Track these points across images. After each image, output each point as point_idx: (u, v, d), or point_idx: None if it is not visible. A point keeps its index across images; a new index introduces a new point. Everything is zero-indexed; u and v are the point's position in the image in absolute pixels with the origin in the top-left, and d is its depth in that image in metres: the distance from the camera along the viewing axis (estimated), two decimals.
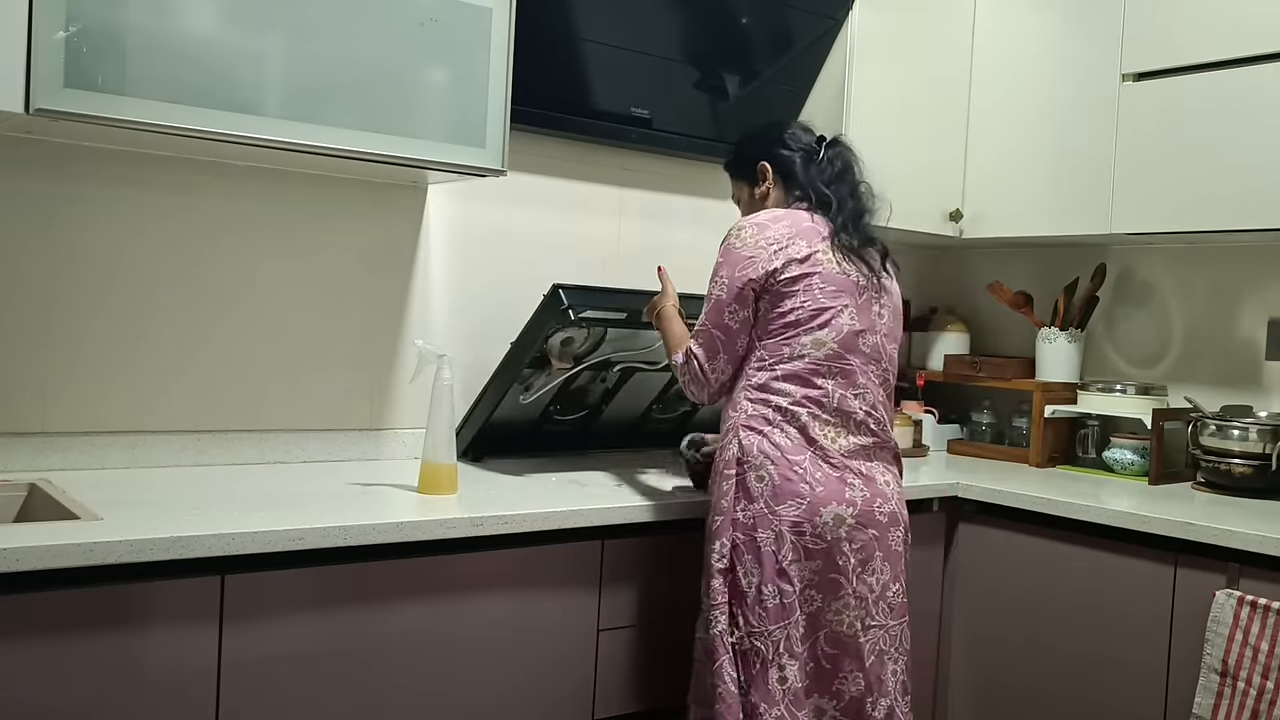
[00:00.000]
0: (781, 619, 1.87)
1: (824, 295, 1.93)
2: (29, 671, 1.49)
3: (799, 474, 1.88)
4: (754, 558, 1.88)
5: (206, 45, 1.83)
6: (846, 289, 1.95)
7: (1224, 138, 2.52)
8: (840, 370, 1.94)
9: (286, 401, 2.31)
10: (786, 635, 1.88)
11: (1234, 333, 2.85)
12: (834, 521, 1.88)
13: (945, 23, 3.01)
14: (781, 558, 1.87)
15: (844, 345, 1.94)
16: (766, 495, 1.89)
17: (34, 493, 1.90)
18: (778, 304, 1.93)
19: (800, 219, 1.99)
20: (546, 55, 2.43)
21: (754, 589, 1.88)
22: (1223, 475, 2.59)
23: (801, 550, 1.88)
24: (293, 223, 2.31)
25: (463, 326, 2.54)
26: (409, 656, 1.81)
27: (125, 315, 2.13)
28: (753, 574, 1.88)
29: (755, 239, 1.95)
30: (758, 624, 1.87)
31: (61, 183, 2.06)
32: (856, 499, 1.91)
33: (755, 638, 1.87)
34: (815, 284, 1.93)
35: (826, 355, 1.92)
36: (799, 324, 1.92)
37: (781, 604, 1.87)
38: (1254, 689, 2.06)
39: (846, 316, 1.94)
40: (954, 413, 3.28)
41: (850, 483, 1.91)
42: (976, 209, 3.04)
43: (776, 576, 1.87)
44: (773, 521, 1.88)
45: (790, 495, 1.88)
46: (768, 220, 1.98)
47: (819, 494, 1.88)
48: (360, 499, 1.97)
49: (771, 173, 2.09)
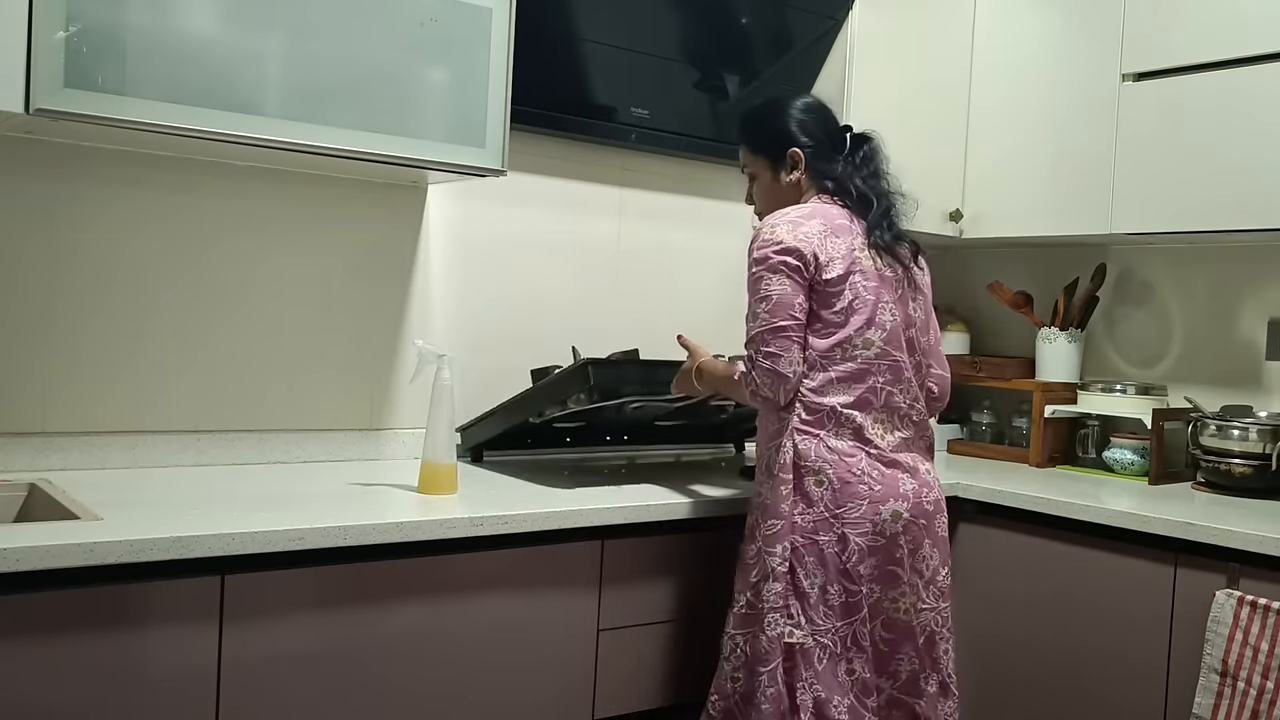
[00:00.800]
0: (848, 616, 1.91)
1: (868, 293, 1.94)
2: (29, 671, 1.49)
3: (857, 475, 1.91)
4: (816, 560, 1.90)
5: (206, 45, 1.83)
6: (886, 285, 1.97)
7: (1224, 138, 2.52)
8: (888, 367, 1.96)
9: (286, 401, 2.32)
10: (853, 631, 1.92)
11: (1234, 333, 2.85)
12: (892, 518, 1.93)
13: (945, 23, 3.01)
14: (846, 559, 1.90)
15: (890, 342, 1.96)
16: (827, 499, 1.91)
17: (34, 493, 1.90)
18: (825, 304, 1.92)
19: (831, 215, 1.97)
20: (546, 55, 2.43)
21: (817, 589, 1.90)
22: (1223, 475, 2.59)
23: (865, 549, 1.91)
24: (293, 223, 2.31)
25: (463, 326, 2.54)
26: (409, 656, 1.81)
27: (125, 315, 2.13)
28: (815, 575, 1.90)
29: (793, 235, 1.92)
30: (823, 622, 1.90)
31: (61, 183, 2.06)
32: (909, 493, 1.96)
33: (821, 635, 1.90)
34: (858, 282, 1.93)
35: (876, 354, 1.94)
36: (846, 324, 1.92)
37: (847, 602, 1.91)
38: (1254, 689, 2.06)
39: (889, 313, 1.96)
40: (954, 413, 3.28)
41: (901, 478, 1.96)
42: (976, 209, 3.04)
43: (841, 577, 1.91)
44: (834, 525, 1.91)
45: (850, 497, 1.91)
46: (799, 218, 1.95)
47: (877, 492, 1.92)
48: (360, 499, 1.97)
49: (804, 164, 2.04)
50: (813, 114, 2.08)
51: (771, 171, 2.08)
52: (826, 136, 2.06)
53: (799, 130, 2.05)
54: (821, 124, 2.07)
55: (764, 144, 2.09)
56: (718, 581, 2.12)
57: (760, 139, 2.10)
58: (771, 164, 2.08)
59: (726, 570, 2.07)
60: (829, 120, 2.09)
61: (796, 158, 2.05)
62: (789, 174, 2.06)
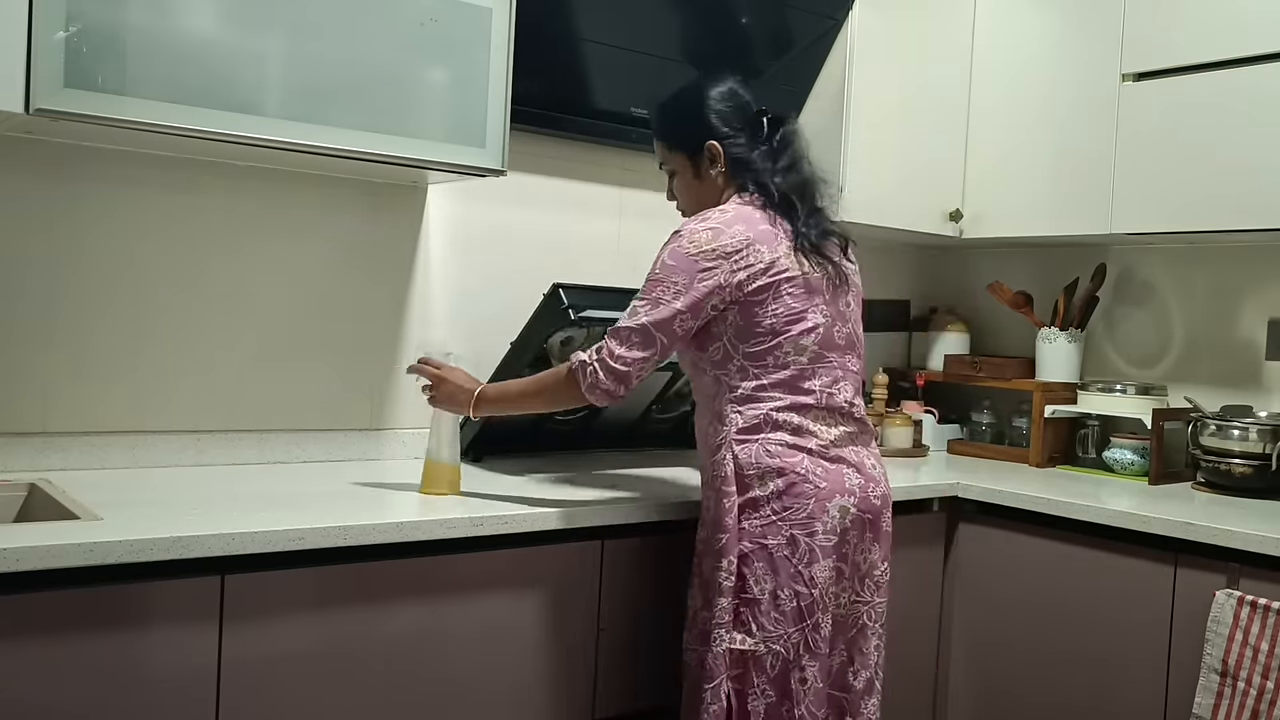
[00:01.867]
0: (800, 621, 1.85)
1: (795, 300, 1.88)
2: (29, 671, 1.49)
3: (801, 474, 1.87)
4: (766, 565, 1.85)
5: (206, 45, 1.83)
6: (815, 288, 1.91)
7: (1224, 138, 2.52)
8: (824, 369, 1.91)
9: (286, 401, 2.31)
10: (805, 637, 1.86)
11: (1234, 333, 2.85)
12: (840, 514, 1.88)
13: (945, 23, 3.01)
14: (797, 560, 1.85)
15: (824, 344, 1.91)
16: (773, 503, 1.86)
17: (34, 493, 1.90)
18: (751, 314, 1.87)
19: (754, 220, 1.89)
20: (546, 55, 2.43)
21: (768, 595, 1.85)
22: (1223, 475, 2.59)
23: (816, 550, 1.86)
24: (293, 223, 2.31)
25: (463, 326, 2.54)
26: (409, 656, 1.81)
27: (126, 315, 2.13)
28: (765, 581, 1.85)
29: (712, 246, 1.84)
30: (774, 628, 1.85)
31: (62, 183, 2.05)
32: (854, 488, 1.90)
33: (773, 641, 1.85)
34: (785, 290, 1.87)
35: (810, 358, 1.90)
36: (777, 332, 1.87)
37: (799, 607, 1.85)
38: (1254, 689, 2.06)
39: (820, 315, 1.90)
40: (954, 413, 3.28)
41: (847, 473, 1.91)
42: (976, 209, 3.04)
43: (792, 580, 1.85)
44: (782, 527, 1.85)
45: (797, 497, 1.86)
46: (720, 224, 1.87)
47: (823, 490, 1.87)
48: (360, 499, 1.97)
49: (724, 156, 1.95)
50: (729, 102, 1.97)
51: (691, 167, 1.99)
52: (745, 124, 1.96)
53: (718, 121, 1.96)
54: (739, 112, 1.97)
55: (680, 138, 2.00)
56: None
57: (676, 134, 2.01)
58: (690, 159, 1.98)
59: None
60: (745, 106, 1.98)
61: (715, 151, 1.95)
62: (709, 168, 1.97)
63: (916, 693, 2.57)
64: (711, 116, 1.97)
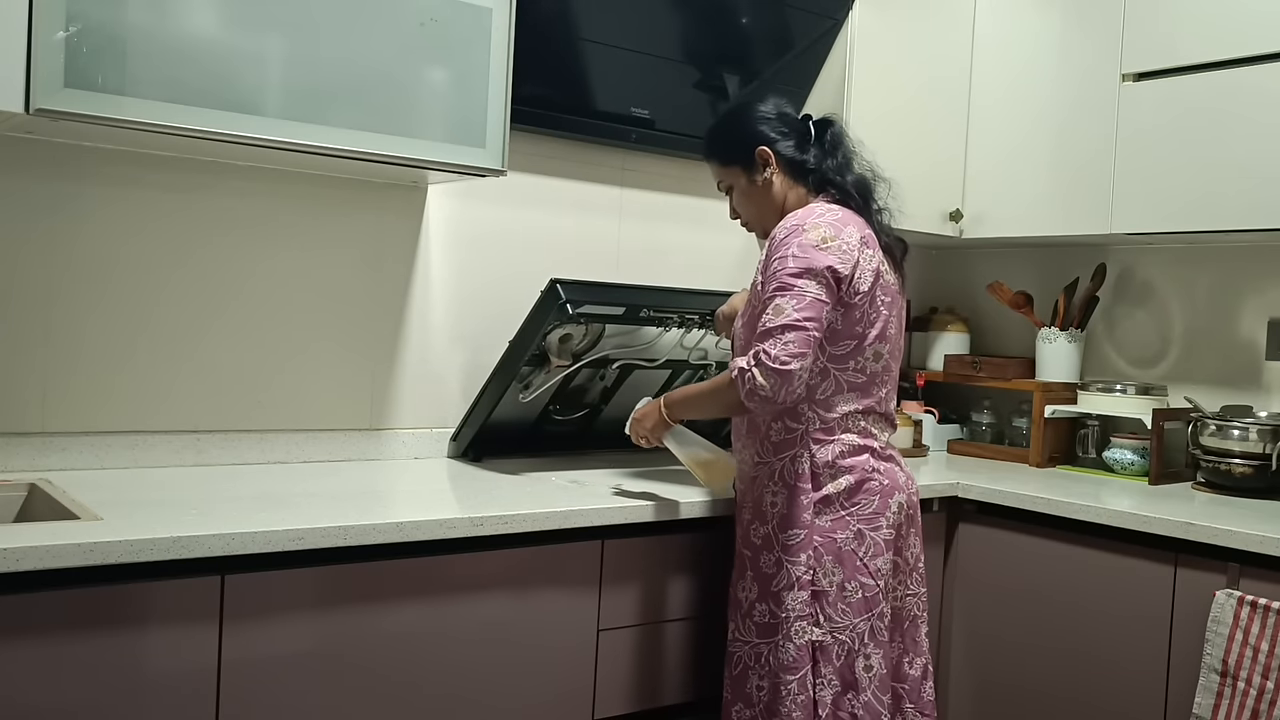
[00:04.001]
0: (865, 611, 1.93)
1: (884, 308, 1.95)
2: (29, 671, 1.49)
3: (868, 471, 1.95)
4: (834, 558, 1.92)
5: (206, 45, 1.83)
6: (895, 296, 1.99)
7: (1224, 138, 2.52)
8: (889, 378, 2.01)
9: (287, 401, 2.32)
10: (870, 626, 1.94)
11: (1234, 333, 2.85)
12: (897, 509, 1.98)
13: (945, 23, 3.01)
14: (863, 554, 1.93)
15: (891, 354, 2.00)
16: (842, 499, 1.94)
17: (34, 493, 1.90)
18: (849, 315, 1.91)
19: (859, 222, 1.94)
20: (546, 55, 2.43)
21: (835, 587, 1.92)
22: (1223, 475, 2.59)
23: (881, 544, 1.95)
24: (293, 223, 2.31)
25: (463, 326, 2.54)
26: (409, 656, 1.81)
27: (126, 315, 2.13)
28: (834, 573, 1.92)
29: (836, 240, 1.87)
30: (840, 618, 1.92)
31: (62, 183, 2.06)
32: (904, 484, 2.02)
33: (840, 632, 1.92)
34: (879, 296, 1.94)
35: (882, 367, 1.99)
36: (864, 337, 1.93)
37: (864, 598, 1.93)
38: (1254, 689, 2.06)
39: (895, 326, 1.99)
40: (954, 413, 3.28)
41: (898, 471, 2.01)
42: (976, 209, 3.04)
43: (857, 572, 1.93)
44: (850, 522, 1.94)
45: (865, 493, 1.95)
46: (835, 221, 1.90)
47: (886, 486, 1.97)
48: (360, 499, 1.97)
49: (774, 158, 2.01)
50: (772, 111, 2.04)
51: (746, 177, 2.04)
52: (791, 129, 2.03)
53: (765, 128, 2.02)
54: (783, 119, 2.04)
55: (733, 153, 2.05)
56: (718, 581, 2.12)
57: (727, 149, 2.07)
58: (745, 170, 2.04)
59: (727, 570, 2.07)
60: (789, 115, 2.05)
61: (765, 155, 2.01)
62: (761, 173, 2.02)
63: None
64: (757, 124, 2.03)
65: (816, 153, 2.02)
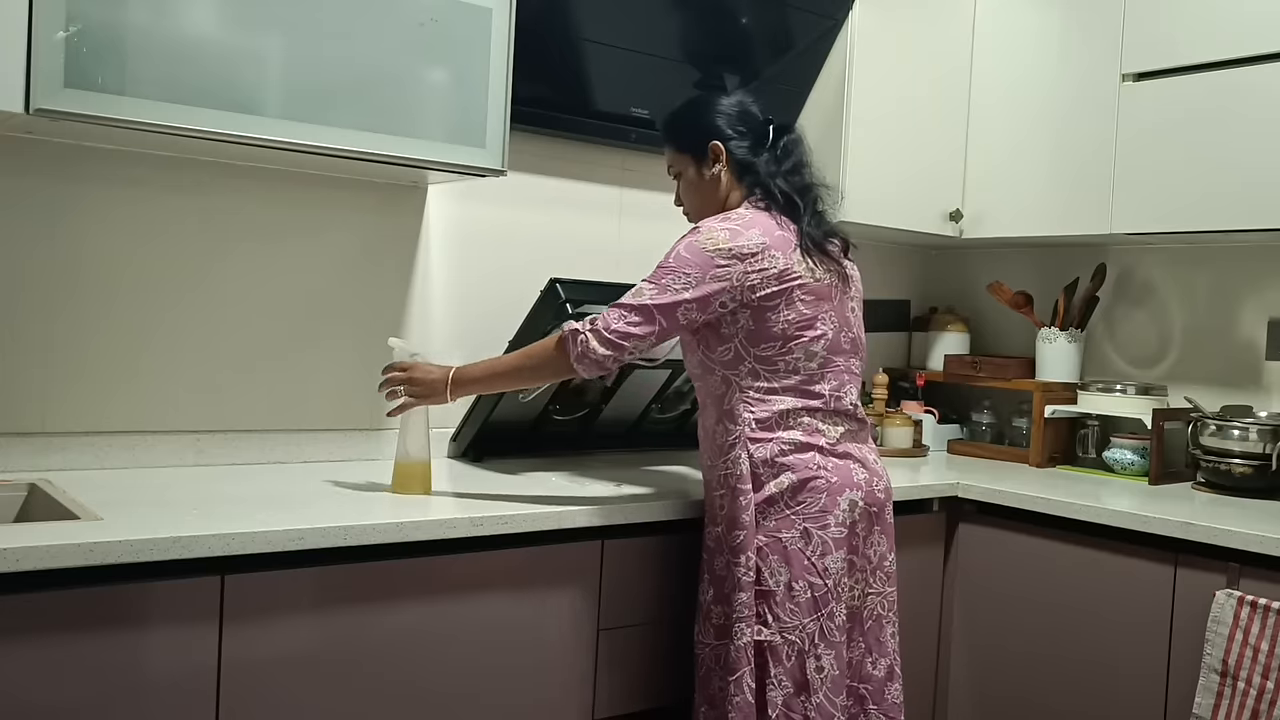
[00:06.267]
0: (814, 611, 1.91)
1: (806, 306, 1.92)
2: (29, 671, 1.49)
3: (813, 469, 1.93)
4: (780, 557, 1.91)
5: (207, 45, 1.83)
6: (824, 295, 1.96)
7: (1224, 138, 2.52)
8: (832, 373, 1.97)
9: (287, 402, 2.31)
10: (820, 627, 1.91)
11: (1234, 333, 2.85)
12: (849, 507, 1.94)
13: (945, 23, 3.01)
14: (811, 552, 1.91)
15: (832, 350, 1.97)
16: (786, 498, 1.92)
17: (34, 493, 1.90)
18: (763, 319, 1.91)
19: (769, 225, 1.94)
20: (546, 55, 2.43)
21: (783, 587, 1.91)
22: (1223, 475, 2.59)
23: (830, 542, 1.92)
24: (293, 222, 2.31)
25: (463, 326, 2.54)
26: (409, 657, 1.81)
27: (126, 314, 2.13)
28: (780, 573, 1.91)
29: (729, 246, 1.88)
30: (789, 619, 1.90)
31: (62, 183, 2.05)
32: (861, 482, 1.98)
33: (789, 632, 1.90)
34: (797, 296, 1.92)
35: (819, 364, 1.95)
36: (789, 337, 1.92)
37: (814, 597, 1.91)
38: (1254, 689, 2.06)
39: (829, 323, 1.96)
40: (954, 413, 3.28)
41: (854, 468, 1.97)
42: (976, 209, 3.04)
43: (806, 572, 1.91)
44: (796, 521, 1.92)
45: (810, 491, 1.92)
46: (739, 227, 1.91)
47: (835, 484, 1.93)
48: (360, 499, 1.97)
49: (726, 156, 2.01)
50: (735, 109, 2.04)
51: (695, 168, 2.05)
52: (750, 130, 2.03)
53: (723, 124, 2.02)
54: (745, 118, 2.03)
55: (688, 141, 2.05)
56: None
57: (684, 136, 2.07)
58: (695, 160, 2.04)
59: None
60: (752, 115, 2.05)
61: (717, 151, 2.01)
62: (710, 168, 2.02)
63: (917, 692, 2.57)
64: (717, 119, 2.04)
65: (767, 157, 2.02)
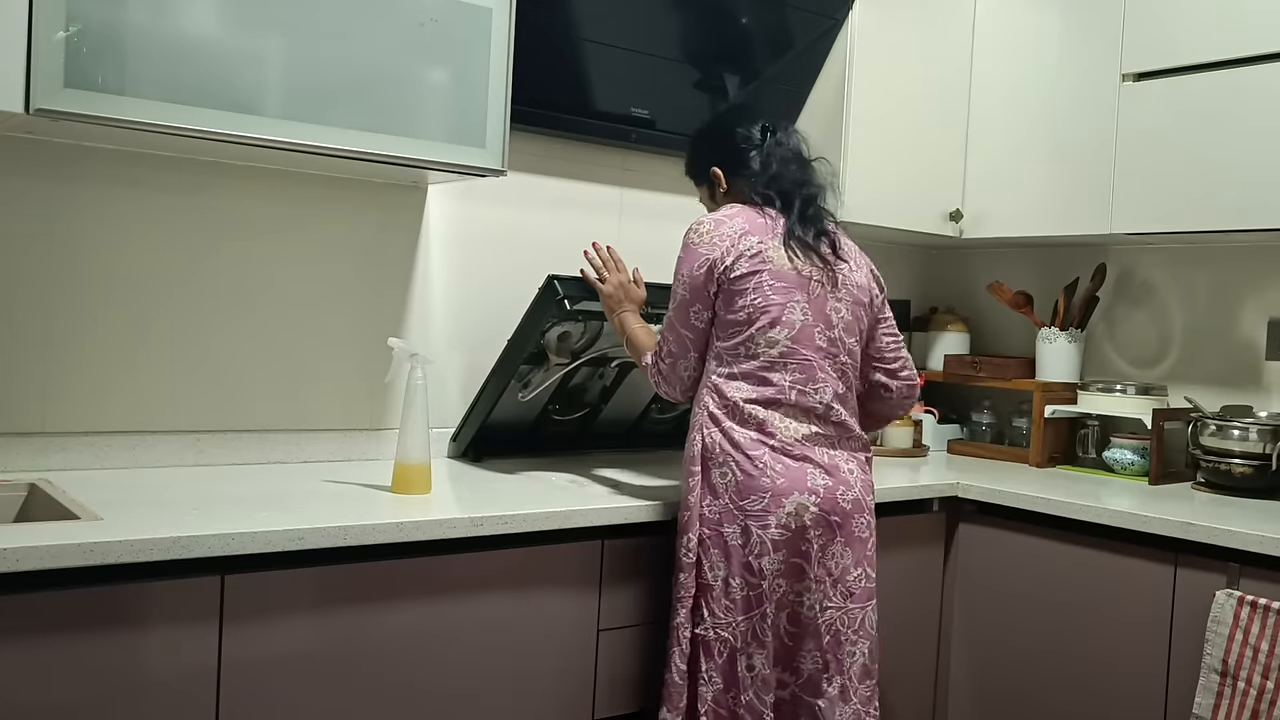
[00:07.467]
0: (749, 610, 1.92)
1: (774, 292, 1.94)
2: (29, 671, 1.49)
3: (760, 468, 1.92)
4: (720, 552, 1.93)
5: (207, 45, 1.83)
6: (798, 285, 1.96)
7: (1224, 138, 2.52)
8: (797, 365, 1.95)
9: (287, 401, 2.32)
10: (753, 626, 1.92)
11: (1234, 333, 2.85)
12: (797, 510, 1.91)
13: (945, 23, 3.01)
14: (748, 551, 1.91)
15: (798, 341, 1.95)
16: (731, 491, 1.93)
17: (34, 493, 1.90)
18: (730, 302, 1.95)
19: (751, 215, 2.01)
20: (546, 55, 2.43)
21: (720, 582, 1.92)
22: (1223, 475, 2.59)
23: (769, 544, 1.90)
24: (293, 223, 2.31)
25: (462, 326, 2.54)
26: (409, 657, 1.81)
27: (126, 315, 2.13)
28: (719, 568, 1.93)
29: (711, 234, 1.98)
30: (724, 615, 1.92)
31: (62, 183, 2.06)
32: (819, 487, 1.93)
33: (722, 629, 1.92)
34: (765, 281, 1.94)
35: (781, 353, 1.95)
36: (751, 322, 1.94)
37: (749, 596, 1.92)
38: (1254, 689, 2.06)
39: (799, 312, 1.95)
40: (954, 413, 3.28)
41: (811, 472, 1.94)
42: (976, 209, 3.04)
43: (743, 570, 1.91)
44: (738, 517, 1.92)
45: (753, 490, 1.91)
46: (723, 216, 2.01)
47: (780, 485, 1.91)
48: (360, 499, 1.97)
49: (724, 177, 2.11)
50: (726, 125, 2.13)
51: (708, 193, 2.17)
52: (748, 146, 2.08)
53: (717, 147, 2.13)
54: (742, 135, 2.09)
55: (696, 173, 2.19)
56: None
57: (692, 167, 2.20)
58: (709, 188, 2.16)
59: None
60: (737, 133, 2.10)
61: (717, 176, 2.12)
62: (720, 187, 2.13)
63: (917, 692, 2.57)
64: (707, 146, 2.16)
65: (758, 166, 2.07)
